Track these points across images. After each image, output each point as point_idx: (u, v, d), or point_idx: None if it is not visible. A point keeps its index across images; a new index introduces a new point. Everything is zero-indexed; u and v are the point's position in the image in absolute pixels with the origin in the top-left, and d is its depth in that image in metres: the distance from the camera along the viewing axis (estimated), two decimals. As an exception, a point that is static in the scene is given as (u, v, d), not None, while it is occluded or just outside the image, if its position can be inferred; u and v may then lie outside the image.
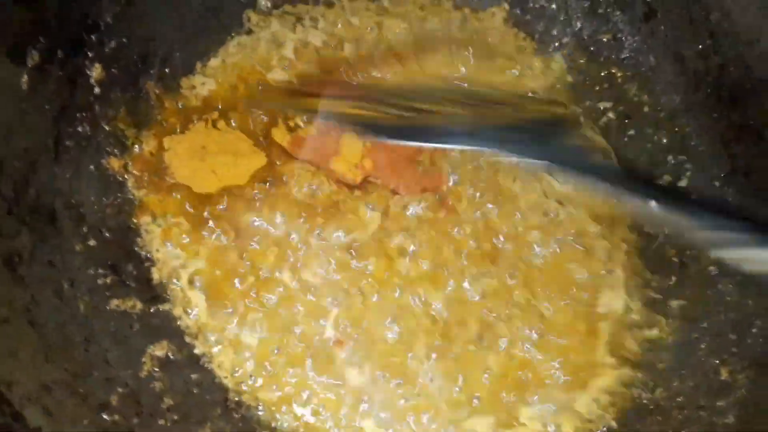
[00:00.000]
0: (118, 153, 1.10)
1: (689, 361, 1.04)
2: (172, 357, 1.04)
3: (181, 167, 1.13)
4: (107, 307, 1.02)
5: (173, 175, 1.12)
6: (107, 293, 1.02)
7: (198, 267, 1.10)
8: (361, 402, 1.05)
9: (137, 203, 1.10)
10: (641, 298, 1.11)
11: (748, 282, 1.03)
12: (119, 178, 1.10)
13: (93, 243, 1.04)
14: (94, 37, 1.06)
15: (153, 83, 1.15)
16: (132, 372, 0.99)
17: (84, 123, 1.06)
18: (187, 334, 1.07)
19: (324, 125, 1.17)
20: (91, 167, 1.07)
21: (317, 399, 1.05)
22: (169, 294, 1.08)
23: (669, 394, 1.03)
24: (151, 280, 1.08)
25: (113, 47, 1.09)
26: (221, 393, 1.04)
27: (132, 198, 1.10)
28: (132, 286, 1.06)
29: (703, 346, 1.04)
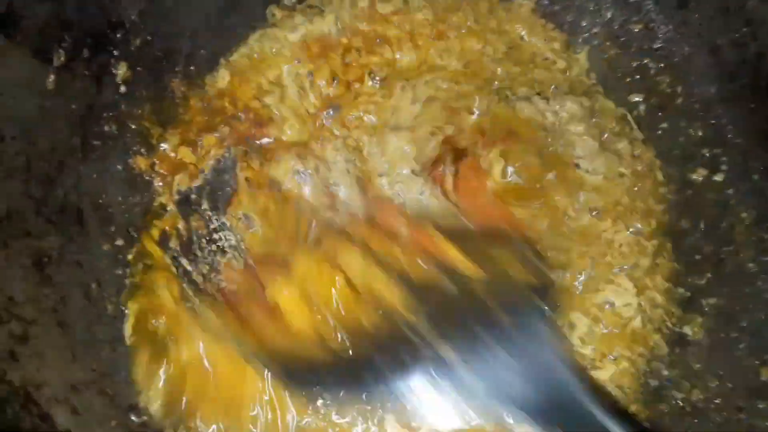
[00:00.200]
0: (144, 152, 1.10)
1: (727, 362, 1.01)
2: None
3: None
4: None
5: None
6: (134, 293, 1.02)
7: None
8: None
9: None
10: (674, 294, 1.08)
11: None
12: (146, 177, 1.10)
13: (120, 242, 1.04)
14: (119, 35, 1.05)
15: (178, 80, 1.15)
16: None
17: (110, 122, 1.06)
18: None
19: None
20: (118, 167, 1.07)
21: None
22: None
23: (706, 395, 1.00)
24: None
25: (138, 45, 1.09)
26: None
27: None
28: (157, 285, 1.04)
29: (742, 346, 1.00)
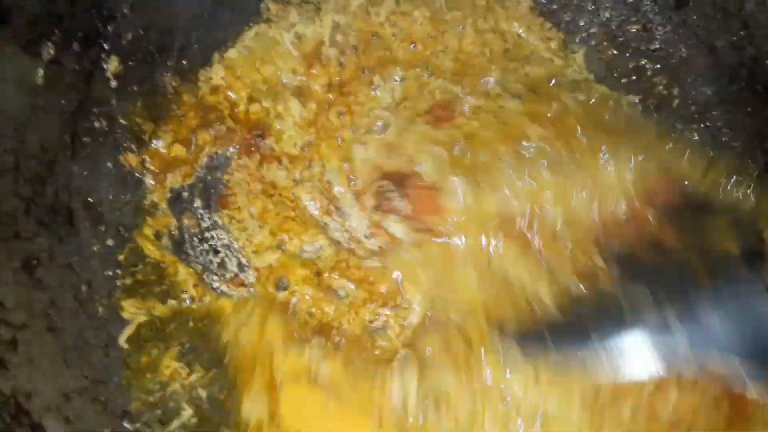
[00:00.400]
0: (135, 148, 1.08)
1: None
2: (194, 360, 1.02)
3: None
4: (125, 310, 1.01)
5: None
6: (125, 295, 1.01)
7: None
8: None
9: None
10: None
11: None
12: (137, 174, 1.08)
13: (111, 243, 1.02)
14: (110, 29, 1.03)
15: (170, 76, 1.12)
16: (153, 377, 0.97)
17: (101, 118, 1.03)
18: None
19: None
20: (109, 164, 1.05)
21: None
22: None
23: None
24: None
25: (130, 39, 1.06)
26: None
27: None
28: (148, 286, 1.04)
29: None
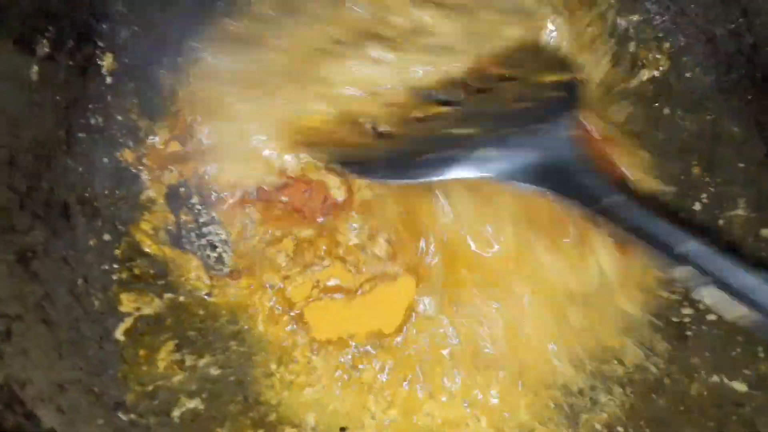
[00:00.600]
0: (131, 144, 1.08)
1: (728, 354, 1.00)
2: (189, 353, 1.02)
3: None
4: (121, 304, 1.00)
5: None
6: (121, 289, 1.01)
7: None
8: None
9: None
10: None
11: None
12: (133, 170, 1.08)
13: (107, 237, 1.02)
14: (104, 26, 1.03)
15: (165, 71, 1.12)
16: (148, 369, 0.97)
17: (96, 114, 1.04)
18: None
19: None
20: (105, 160, 1.05)
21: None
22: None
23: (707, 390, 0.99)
24: (167, 274, 1.06)
25: (125, 36, 1.06)
26: (241, 391, 1.03)
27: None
28: (147, 281, 1.04)
29: (740, 338, 1.00)
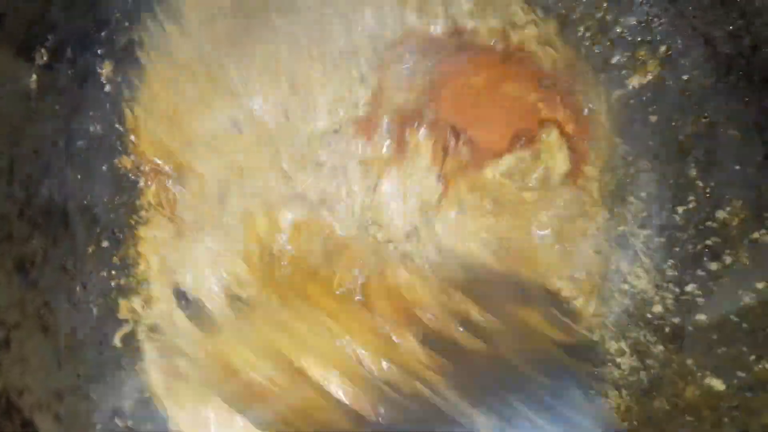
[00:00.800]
0: (130, 152, 1.08)
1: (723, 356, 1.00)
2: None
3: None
4: (119, 311, 1.01)
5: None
6: (120, 296, 1.01)
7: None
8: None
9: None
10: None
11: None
12: (132, 177, 1.08)
13: (106, 244, 1.03)
14: (103, 35, 1.04)
15: (164, 79, 1.13)
16: (146, 376, 0.97)
17: (95, 122, 1.04)
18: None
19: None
20: (104, 167, 1.05)
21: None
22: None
23: (701, 392, 0.99)
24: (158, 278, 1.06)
25: (123, 44, 1.07)
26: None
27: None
28: (143, 287, 1.04)
29: (734, 341, 0.99)
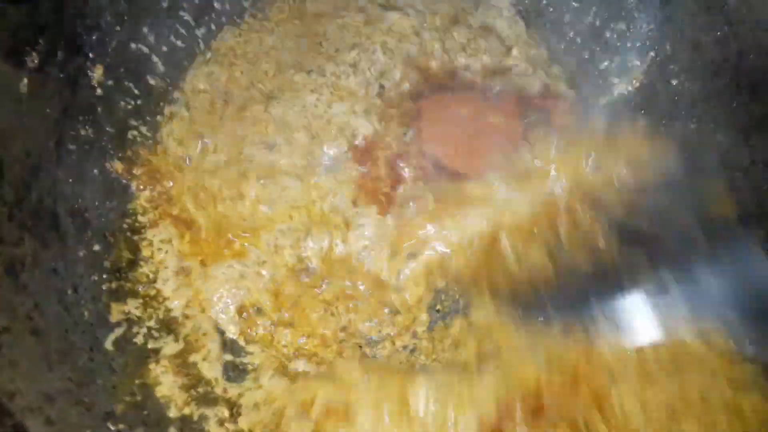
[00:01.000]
0: (121, 155, 1.08)
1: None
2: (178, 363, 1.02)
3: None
4: (111, 314, 1.00)
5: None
6: (112, 299, 1.01)
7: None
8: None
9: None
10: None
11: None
12: (123, 181, 1.08)
13: (97, 248, 1.02)
14: (94, 38, 1.03)
15: (156, 82, 1.13)
16: (137, 380, 0.97)
17: (86, 125, 1.03)
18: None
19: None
20: (95, 171, 1.05)
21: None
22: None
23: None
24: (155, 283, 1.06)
25: (114, 47, 1.07)
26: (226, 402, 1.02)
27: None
28: (138, 291, 1.04)
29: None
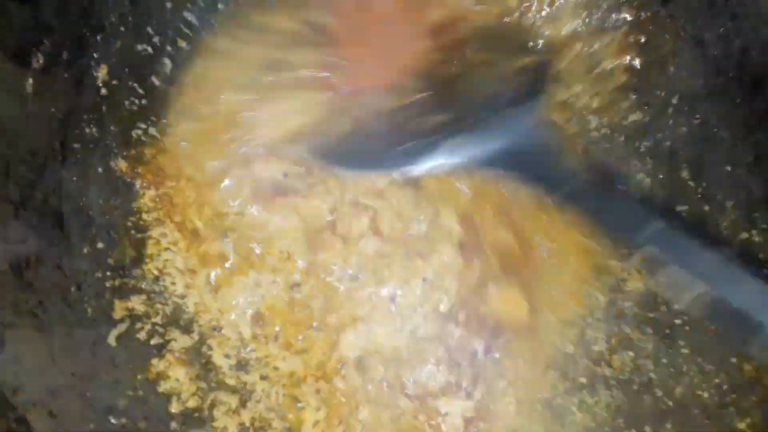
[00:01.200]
0: (126, 154, 1.09)
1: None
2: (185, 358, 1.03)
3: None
4: (115, 311, 1.01)
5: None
6: (115, 296, 1.02)
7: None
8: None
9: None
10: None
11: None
12: (127, 179, 1.09)
13: (101, 245, 1.03)
14: (99, 38, 1.05)
15: (160, 82, 1.14)
16: (140, 375, 0.98)
17: (91, 125, 1.05)
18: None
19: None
20: (99, 169, 1.06)
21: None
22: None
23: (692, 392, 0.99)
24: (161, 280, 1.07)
25: (119, 47, 1.08)
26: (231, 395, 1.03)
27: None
28: (141, 288, 1.05)
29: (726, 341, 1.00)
